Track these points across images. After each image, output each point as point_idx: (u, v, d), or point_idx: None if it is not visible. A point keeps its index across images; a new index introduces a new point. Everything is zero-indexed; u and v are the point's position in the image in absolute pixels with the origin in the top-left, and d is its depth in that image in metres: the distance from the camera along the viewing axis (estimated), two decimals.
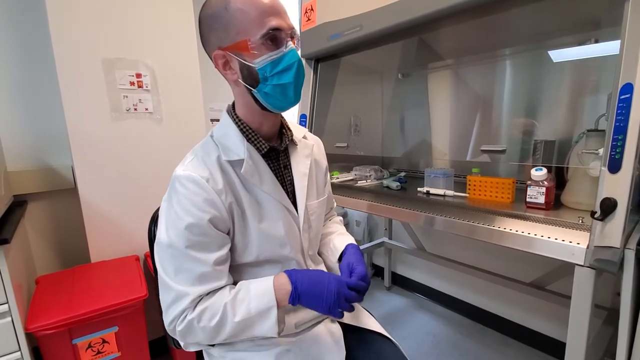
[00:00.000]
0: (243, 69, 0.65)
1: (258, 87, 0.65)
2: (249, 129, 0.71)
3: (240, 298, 0.64)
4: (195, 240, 0.63)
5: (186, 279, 0.63)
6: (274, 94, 0.65)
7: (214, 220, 0.64)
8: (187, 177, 0.65)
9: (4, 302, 1.04)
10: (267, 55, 0.62)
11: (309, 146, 0.82)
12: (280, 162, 0.76)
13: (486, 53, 1.54)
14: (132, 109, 1.50)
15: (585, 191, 1.02)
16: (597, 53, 1.22)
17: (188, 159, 0.69)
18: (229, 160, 0.69)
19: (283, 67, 0.63)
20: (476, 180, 1.24)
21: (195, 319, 0.63)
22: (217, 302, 0.63)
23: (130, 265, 1.46)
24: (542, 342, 1.64)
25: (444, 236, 1.99)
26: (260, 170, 0.70)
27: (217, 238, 0.66)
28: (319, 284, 0.65)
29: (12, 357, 1.07)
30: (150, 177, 1.58)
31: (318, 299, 0.65)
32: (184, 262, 0.64)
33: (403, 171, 1.88)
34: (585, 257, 0.79)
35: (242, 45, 0.62)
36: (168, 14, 1.57)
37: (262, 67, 0.63)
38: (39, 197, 1.56)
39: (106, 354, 1.25)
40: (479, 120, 1.58)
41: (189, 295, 0.63)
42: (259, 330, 0.64)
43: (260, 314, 0.63)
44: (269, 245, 0.72)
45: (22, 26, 1.47)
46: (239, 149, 0.69)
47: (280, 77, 0.64)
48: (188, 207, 0.63)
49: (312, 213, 0.80)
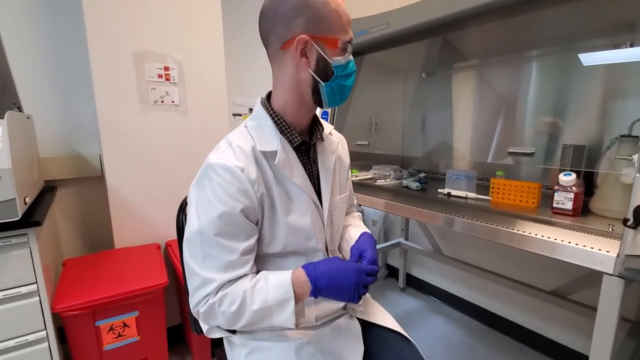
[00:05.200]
0: (320, 61, 0.68)
1: (327, 82, 0.69)
2: (283, 122, 0.73)
3: (259, 287, 0.65)
4: (225, 229, 0.64)
5: (213, 266, 0.65)
6: (336, 91, 0.71)
7: (245, 210, 0.65)
8: (222, 165, 0.65)
9: (33, 282, 1.09)
10: (342, 58, 0.69)
11: (335, 143, 0.84)
12: (310, 157, 0.78)
13: (513, 54, 1.51)
14: (159, 101, 1.54)
15: (616, 198, 0.98)
16: (632, 57, 1.17)
17: (222, 147, 0.70)
18: (263, 151, 0.70)
19: (348, 72, 0.70)
20: (500, 183, 1.22)
21: (216, 303, 0.64)
22: (238, 289, 0.65)
23: (152, 253, 1.50)
24: (560, 352, 1.60)
25: (462, 239, 1.96)
26: (292, 163, 0.72)
27: (246, 228, 0.67)
28: (339, 278, 0.66)
29: (38, 335, 1.11)
30: (174, 169, 1.62)
31: (339, 292, 0.66)
32: (212, 249, 0.65)
33: (422, 172, 1.86)
34: (614, 266, 0.77)
35: (332, 41, 0.67)
36: (198, 10, 1.60)
37: (337, 66, 0.68)
38: (68, 183, 1.62)
39: (126, 337, 1.29)
40: (503, 122, 1.54)
41: (214, 281, 0.64)
42: (277, 320, 0.65)
43: (277, 305, 0.64)
44: (296, 238, 0.73)
45: (58, 19, 1.53)
46: (273, 141, 0.71)
47: (345, 79, 0.70)
48: (221, 196, 0.64)
49: (334, 208, 0.81)
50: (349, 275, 0.66)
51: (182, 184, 0.69)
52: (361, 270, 0.67)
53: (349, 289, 0.65)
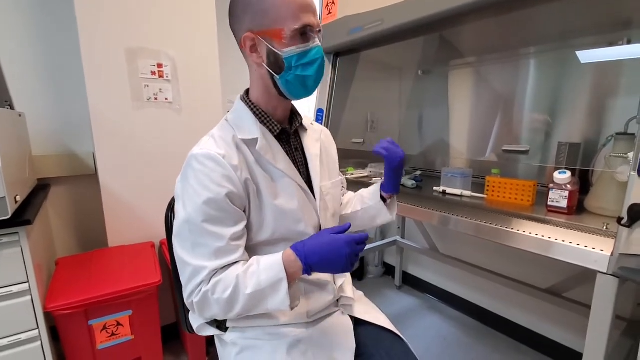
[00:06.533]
0: (270, 55, 0.68)
1: (281, 75, 0.69)
2: (262, 112, 0.74)
3: (251, 271, 0.65)
4: (212, 215, 0.65)
5: (203, 254, 0.65)
6: (295, 83, 0.69)
7: (230, 195, 0.66)
8: (204, 154, 0.66)
9: (25, 282, 1.08)
10: (296, 47, 0.66)
11: (317, 131, 0.86)
12: (292, 145, 0.79)
13: (510, 51, 1.50)
14: (153, 99, 1.53)
15: (611, 197, 0.98)
16: (629, 55, 1.16)
17: (204, 140, 0.72)
18: (244, 139, 0.71)
19: (307, 61, 0.68)
20: (495, 181, 1.21)
21: (209, 291, 0.64)
22: (230, 274, 0.65)
23: (146, 252, 1.49)
24: (556, 351, 1.60)
25: (458, 237, 1.96)
26: (274, 149, 0.73)
27: (233, 214, 0.67)
28: (330, 252, 0.65)
29: (31, 334, 1.10)
30: (168, 166, 1.60)
31: (332, 266, 0.65)
32: (201, 236, 0.65)
33: (419, 170, 1.85)
34: (608, 265, 0.76)
35: (276, 33, 0.65)
36: (191, 6, 1.58)
37: (289, 57, 0.67)
38: (61, 181, 1.60)
39: (120, 336, 1.28)
40: (499, 120, 1.54)
41: (205, 268, 0.64)
42: (271, 303, 0.64)
43: (271, 286, 0.63)
44: (284, 221, 0.73)
45: (50, 15, 1.51)
46: (253, 129, 0.72)
47: (303, 69, 0.68)
48: (206, 183, 0.65)
49: (326, 194, 0.81)
50: (339, 247, 0.64)
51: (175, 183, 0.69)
52: (352, 241, 0.65)
53: (341, 262, 0.64)
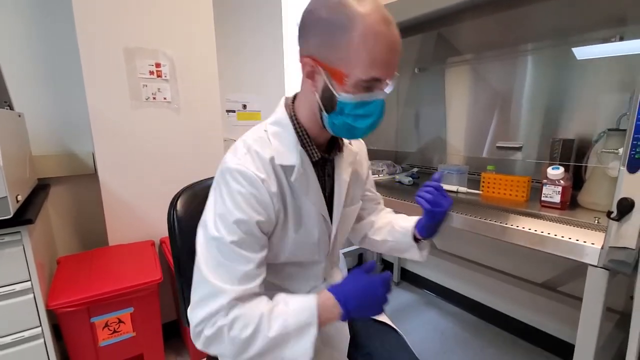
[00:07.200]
0: (325, 91, 0.61)
1: (330, 114, 0.62)
2: (305, 135, 0.68)
3: (277, 311, 0.59)
4: (242, 237, 0.60)
5: (226, 276, 0.59)
6: (342, 128, 0.64)
7: (261, 222, 0.62)
8: (242, 173, 0.61)
9: (27, 280, 1.09)
10: (354, 95, 0.59)
11: (353, 154, 0.79)
12: (325, 171, 0.74)
13: (506, 49, 1.51)
14: (151, 98, 1.54)
15: (603, 192, 1.00)
16: (621, 51, 1.18)
17: (240, 151, 0.65)
18: (282, 165, 0.65)
19: (362, 113, 0.61)
20: (490, 177, 1.23)
21: (226, 326, 0.56)
22: (253, 312, 0.58)
23: (147, 250, 1.50)
24: (552, 344, 1.63)
25: (455, 233, 1.98)
26: (309, 179, 0.68)
27: (260, 239, 0.63)
28: (367, 296, 0.62)
29: (33, 332, 1.12)
30: (167, 165, 1.61)
31: (369, 310, 0.63)
32: (228, 257, 0.59)
33: (416, 167, 1.87)
34: (599, 258, 0.78)
35: (339, 75, 0.58)
36: (188, 6, 1.59)
37: (344, 103, 0.60)
38: (61, 181, 1.61)
39: (122, 333, 1.30)
40: (496, 117, 1.55)
41: (225, 293, 0.57)
42: (290, 350, 0.58)
43: (297, 330, 0.57)
44: (300, 252, 0.71)
45: (47, 15, 1.51)
46: (293, 154, 0.66)
47: (355, 120, 0.62)
48: (241, 205, 0.60)
49: (343, 221, 0.79)
50: (376, 289, 0.62)
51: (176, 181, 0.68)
52: (387, 281, 0.63)
53: (378, 304, 0.62)
